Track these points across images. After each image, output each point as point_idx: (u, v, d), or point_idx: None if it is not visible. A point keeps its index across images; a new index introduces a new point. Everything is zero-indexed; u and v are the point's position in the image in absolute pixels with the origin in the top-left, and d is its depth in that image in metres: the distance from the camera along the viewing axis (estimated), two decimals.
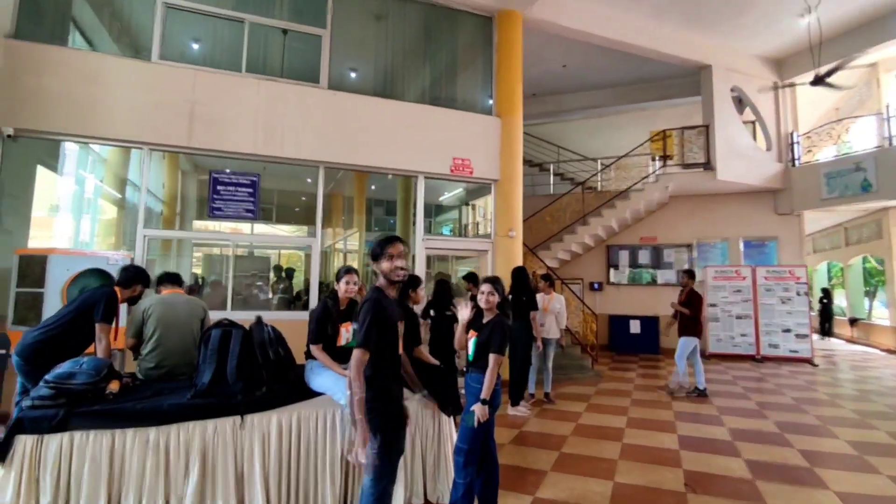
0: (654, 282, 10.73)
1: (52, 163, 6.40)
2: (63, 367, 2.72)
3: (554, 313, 6.15)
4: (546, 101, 12.33)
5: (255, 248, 11.20)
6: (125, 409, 2.58)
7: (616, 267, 10.94)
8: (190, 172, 8.56)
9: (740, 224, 10.50)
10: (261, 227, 13.05)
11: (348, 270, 3.24)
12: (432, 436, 3.19)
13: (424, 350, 3.55)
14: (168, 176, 8.88)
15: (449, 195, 10.89)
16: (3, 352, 2.72)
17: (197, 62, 5.96)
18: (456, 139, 7.07)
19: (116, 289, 3.37)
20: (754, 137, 10.52)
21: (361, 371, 2.09)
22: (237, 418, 2.75)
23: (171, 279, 3.62)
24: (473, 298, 3.14)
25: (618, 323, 10.33)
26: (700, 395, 6.33)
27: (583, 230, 9.96)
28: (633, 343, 10.07)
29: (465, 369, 2.95)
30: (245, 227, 6.64)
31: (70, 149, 7.00)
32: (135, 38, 6.27)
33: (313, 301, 6.24)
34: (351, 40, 7.06)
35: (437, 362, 3.45)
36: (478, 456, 2.75)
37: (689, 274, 6.79)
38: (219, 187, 5.91)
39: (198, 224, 8.83)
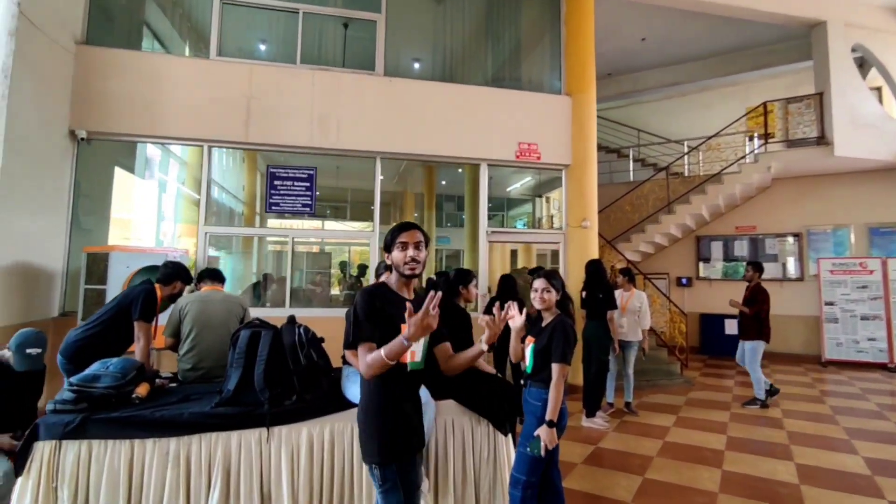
0: None
1: (129, 164, 6.68)
2: (91, 369, 2.57)
3: (634, 312, 5.40)
4: (622, 80, 11.31)
5: (325, 244, 11.36)
6: (143, 417, 2.35)
7: (707, 260, 9.73)
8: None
9: (863, 208, 8.88)
10: (332, 224, 13.34)
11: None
12: (487, 458, 2.70)
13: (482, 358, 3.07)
14: (247, 177, 9.13)
15: (517, 185, 10.28)
16: (39, 350, 2.54)
17: (253, 56, 5.91)
18: (521, 122, 6.49)
19: (156, 286, 3.23)
20: (881, 103, 8.86)
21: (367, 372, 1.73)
22: (263, 430, 2.45)
23: (212, 276, 3.45)
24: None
25: (710, 323, 9.18)
26: (763, 405, 5.54)
27: (668, 219, 8.93)
28: (728, 346, 8.84)
29: (522, 383, 2.44)
30: (318, 222, 6.51)
31: (151, 152, 7.31)
32: (202, 36, 6.35)
33: None
34: (407, 24, 6.70)
35: (493, 370, 2.97)
36: (538, 489, 2.24)
37: (756, 267, 5.83)
38: (276, 182, 5.82)
39: (274, 223, 8.94)
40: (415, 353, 1.85)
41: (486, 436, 2.74)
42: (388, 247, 1.91)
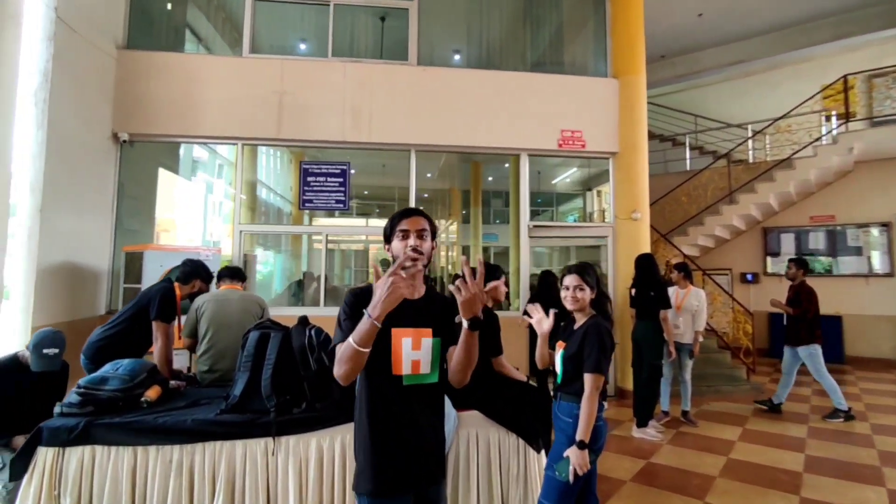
0: (830, 271, 8.44)
1: (173, 165, 6.84)
2: (101, 371, 2.49)
3: (691, 312, 4.88)
4: (677, 62, 10.52)
5: (369, 242, 11.33)
6: (146, 424, 2.23)
7: (776, 254, 8.83)
8: None
9: None
10: (377, 222, 13.32)
11: None
12: (516, 477, 2.40)
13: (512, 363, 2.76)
14: (294, 178, 9.21)
15: (564, 177, 9.79)
16: (56, 351, 2.48)
17: (285, 52, 5.84)
18: (564, 109, 6.07)
19: (175, 285, 3.15)
20: None
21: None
22: (270, 440, 2.27)
23: (232, 274, 3.33)
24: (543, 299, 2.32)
25: (781, 323, 8.29)
26: (773, 409, 5.12)
27: (730, 210, 8.17)
28: None
29: (553, 394, 2.12)
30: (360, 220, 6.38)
31: (199, 153, 7.48)
32: (240, 35, 6.36)
33: None
34: (440, 10, 6.42)
35: (523, 377, 2.65)
36: None
37: (799, 264, 5.27)
38: (309, 178, 5.73)
39: (324, 221, 8.96)
40: (419, 362, 1.57)
41: (516, 451, 2.43)
42: (387, 237, 1.65)
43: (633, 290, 4.66)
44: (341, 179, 5.78)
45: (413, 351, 1.57)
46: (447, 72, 5.98)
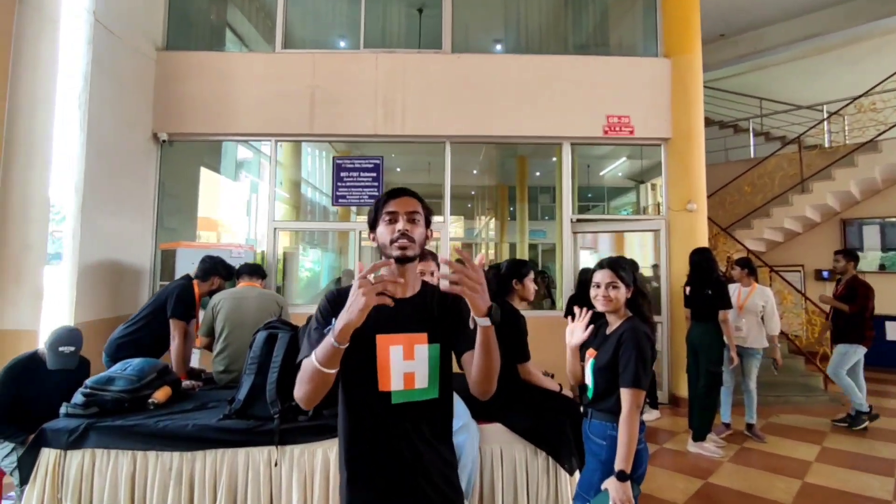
0: None
1: (215, 164, 6.95)
2: (110, 370, 2.41)
3: (756, 312, 4.35)
4: (739, 41, 9.66)
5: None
6: (147, 428, 2.11)
7: (857, 249, 7.90)
8: None
9: None
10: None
11: (422, 257, 2.35)
12: (546, 500, 2.11)
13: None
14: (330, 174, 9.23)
15: (611, 168, 9.22)
16: (72, 349, 2.43)
17: (317, 46, 5.76)
18: (610, 93, 5.62)
19: (195, 282, 3.07)
20: None
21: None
22: (273, 449, 2.09)
23: (251, 271, 3.21)
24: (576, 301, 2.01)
25: None
26: (853, 423, 4.52)
27: (801, 200, 7.38)
28: (891, 354, 7.11)
29: (583, 411, 1.81)
30: None
31: (244, 154, 7.59)
32: (290, 34, 6.35)
33: None
34: None
35: (555, 385, 2.34)
36: None
37: (849, 256, 4.69)
38: (342, 174, 5.61)
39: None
40: (412, 375, 1.31)
41: (546, 473, 2.14)
42: (372, 223, 1.40)
43: (688, 289, 4.19)
44: (375, 174, 5.63)
45: (405, 362, 1.31)
46: (483, 58, 5.69)
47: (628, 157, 8.02)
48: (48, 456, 2.08)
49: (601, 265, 1.78)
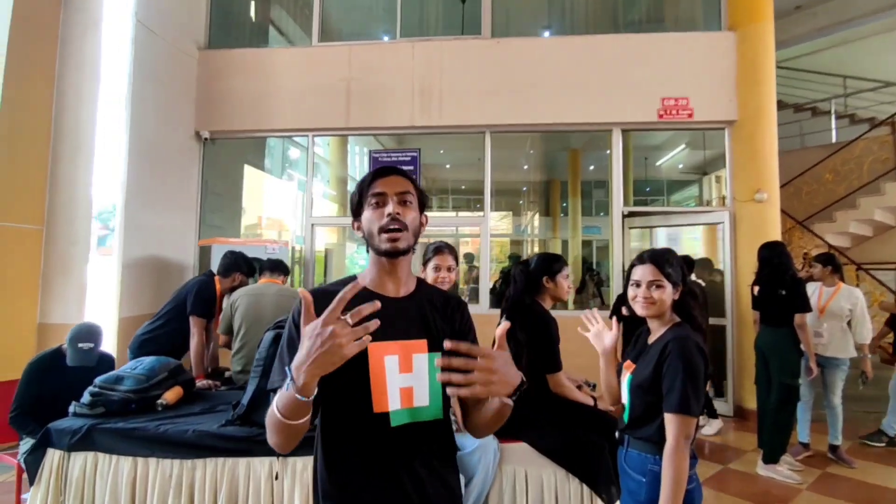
0: None
1: (258, 162, 7.04)
2: (120, 369, 2.34)
3: (841, 317, 3.76)
4: (818, 12, 8.67)
5: (459, 236, 10.99)
6: (147, 432, 2.00)
7: None
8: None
9: None
10: (465, 215, 12.99)
11: (438, 250, 2.11)
12: None
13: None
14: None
15: (669, 157, 8.54)
16: (91, 345, 2.38)
17: (353, 37, 5.63)
18: (665, 72, 5.12)
19: (216, 278, 2.98)
20: None
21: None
22: (274, 461, 1.92)
23: (273, 267, 3.09)
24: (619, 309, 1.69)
25: None
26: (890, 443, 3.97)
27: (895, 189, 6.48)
28: None
29: (618, 437, 1.49)
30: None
31: (294, 154, 7.66)
32: (326, 27, 6.31)
33: (484, 296, 5.30)
34: None
35: (589, 399, 2.02)
36: None
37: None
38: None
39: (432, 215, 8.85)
40: (411, 390, 1.08)
41: (580, 501, 1.83)
42: (355, 210, 1.17)
43: (756, 288, 3.68)
44: (412, 167, 5.44)
45: (402, 375, 1.08)
46: (525, 42, 5.36)
47: (688, 144, 7.37)
48: (52, 456, 2.02)
49: (641, 259, 1.45)
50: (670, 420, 1.27)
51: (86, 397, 2.16)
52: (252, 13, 6.34)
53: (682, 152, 7.97)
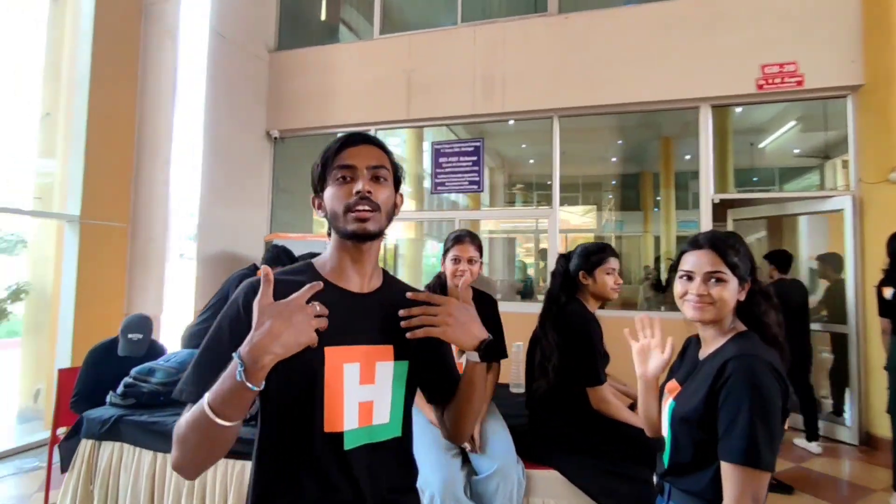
0: None
1: None
2: (155, 361, 2.37)
3: None
4: None
5: (539, 232, 10.55)
6: (164, 427, 1.98)
7: None
8: (496, 169, 8.44)
9: None
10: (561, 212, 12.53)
11: (458, 238, 1.85)
12: None
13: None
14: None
15: (775, 137, 7.39)
16: (140, 336, 2.46)
17: (416, 27, 5.49)
18: (764, 34, 4.36)
19: (259, 271, 2.97)
20: None
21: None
22: None
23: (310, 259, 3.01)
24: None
25: None
26: None
27: None
28: None
29: (656, 482, 1.13)
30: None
31: None
32: (389, 18, 6.28)
33: None
34: None
35: (640, 422, 1.64)
36: None
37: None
38: (440, 159, 5.29)
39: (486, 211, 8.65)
40: (371, 405, 0.90)
41: None
42: (318, 183, 0.98)
43: (885, 289, 2.96)
44: (475, 158, 5.20)
45: (361, 387, 0.90)
46: (595, 15, 4.86)
47: (799, 121, 6.31)
48: (85, 445, 2.07)
49: (696, 242, 1.06)
50: (730, 473, 0.90)
51: (120, 388, 2.20)
52: (322, 12, 6.44)
53: (792, 131, 6.85)
